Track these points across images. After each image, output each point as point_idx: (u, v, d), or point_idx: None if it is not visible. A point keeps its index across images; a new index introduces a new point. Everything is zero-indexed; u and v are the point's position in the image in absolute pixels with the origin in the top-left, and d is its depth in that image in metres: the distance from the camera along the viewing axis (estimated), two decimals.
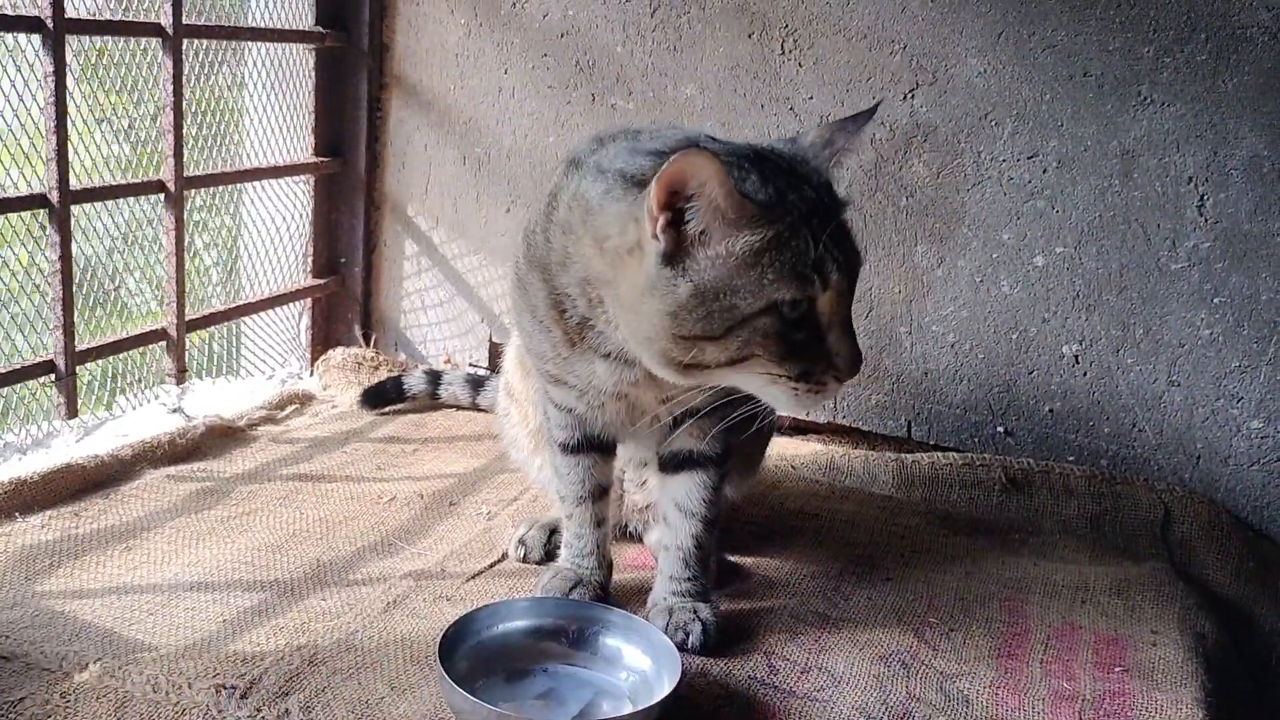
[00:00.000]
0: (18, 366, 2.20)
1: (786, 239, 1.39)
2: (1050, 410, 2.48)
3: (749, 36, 2.53)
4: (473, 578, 1.88)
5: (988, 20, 2.36)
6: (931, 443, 2.57)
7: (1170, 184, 2.31)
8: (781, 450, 2.49)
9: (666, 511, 1.79)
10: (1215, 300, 2.32)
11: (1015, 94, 2.37)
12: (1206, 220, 2.30)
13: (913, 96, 2.44)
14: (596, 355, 1.61)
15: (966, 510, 2.34)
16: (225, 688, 1.49)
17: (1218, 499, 2.36)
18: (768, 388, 1.46)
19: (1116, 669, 1.76)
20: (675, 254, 1.41)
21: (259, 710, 1.45)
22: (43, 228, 2.22)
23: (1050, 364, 2.46)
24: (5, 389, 2.22)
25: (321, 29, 2.79)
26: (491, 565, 1.94)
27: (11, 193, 2.17)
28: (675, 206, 1.39)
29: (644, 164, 1.47)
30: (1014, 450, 2.51)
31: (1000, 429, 2.52)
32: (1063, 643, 1.83)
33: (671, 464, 1.78)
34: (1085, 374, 2.44)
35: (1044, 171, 2.39)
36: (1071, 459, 2.47)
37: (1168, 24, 2.26)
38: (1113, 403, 2.43)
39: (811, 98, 2.51)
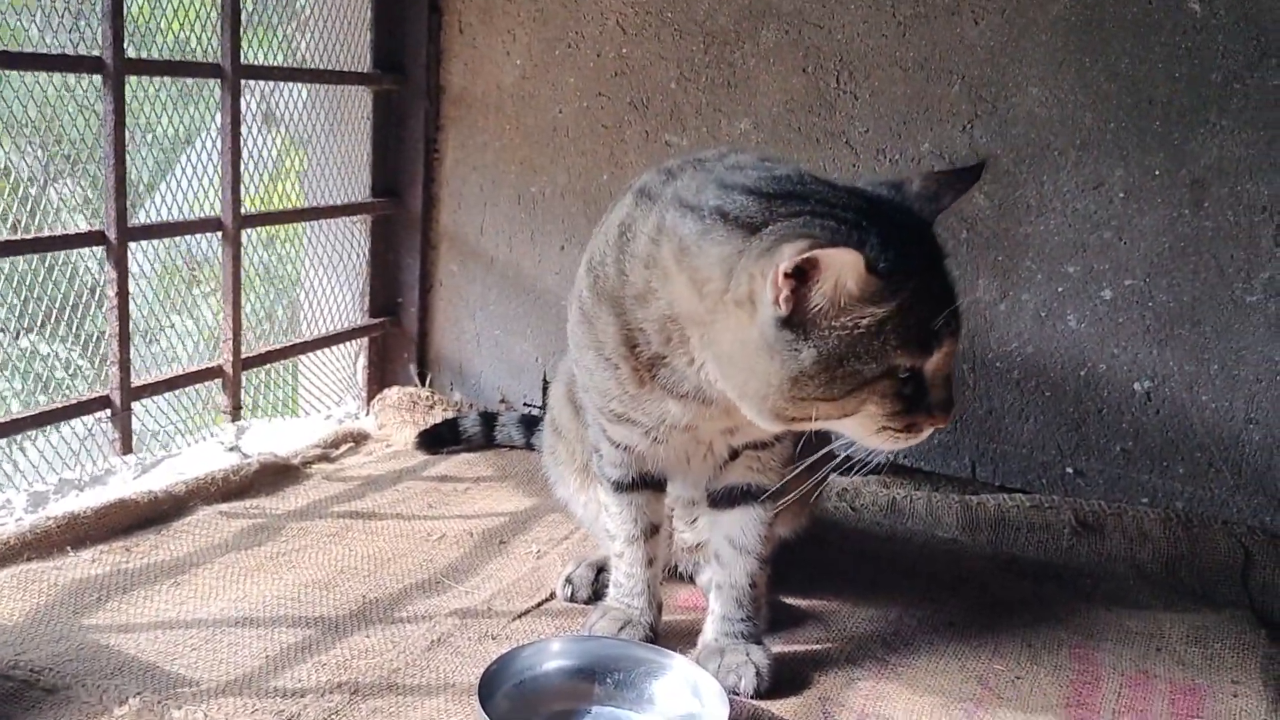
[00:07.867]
0: (73, 402, 2.22)
1: (909, 308, 1.37)
2: (1121, 450, 2.38)
3: (803, 71, 2.50)
4: (519, 616, 1.85)
5: (1048, 49, 2.31)
6: (997, 483, 2.48)
7: (1244, 213, 2.23)
8: (841, 490, 2.43)
9: (719, 549, 1.74)
10: None
11: (1078, 123, 2.31)
12: None
13: (972, 127, 2.38)
14: (669, 395, 1.56)
15: (1034, 554, 2.25)
16: None
17: None
18: (870, 436, 1.44)
19: None
20: (794, 319, 1.36)
21: None
22: (99, 264, 2.25)
23: (1120, 401, 2.37)
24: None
25: (379, 71, 2.82)
26: (539, 604, 1.90)
27: (71, 229, 2.21)
28: (801, 277, 1.35)
29: (748, 205, 1.42)
30: (1084, 491, 2.41)
31: (1069, 469, 2.43)
32: (1136, 692, 1.74)
33: (725, 499, 1.73)
34: (1158, 412, 2.34)
35: (1110, 201, 2.31)
36: (1145, 501, 2.36)
37: (1236, 50, 2.19)
38: (1187, 442, 2.33)
39: (867, 130, 2.47)
